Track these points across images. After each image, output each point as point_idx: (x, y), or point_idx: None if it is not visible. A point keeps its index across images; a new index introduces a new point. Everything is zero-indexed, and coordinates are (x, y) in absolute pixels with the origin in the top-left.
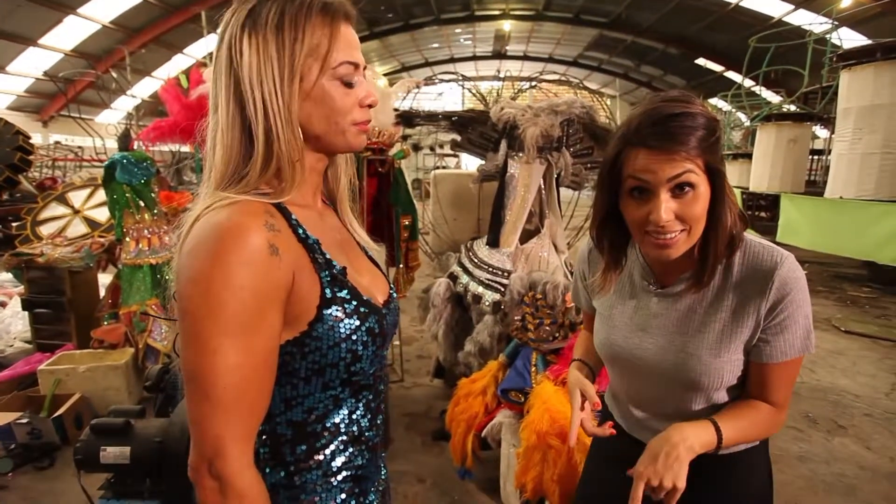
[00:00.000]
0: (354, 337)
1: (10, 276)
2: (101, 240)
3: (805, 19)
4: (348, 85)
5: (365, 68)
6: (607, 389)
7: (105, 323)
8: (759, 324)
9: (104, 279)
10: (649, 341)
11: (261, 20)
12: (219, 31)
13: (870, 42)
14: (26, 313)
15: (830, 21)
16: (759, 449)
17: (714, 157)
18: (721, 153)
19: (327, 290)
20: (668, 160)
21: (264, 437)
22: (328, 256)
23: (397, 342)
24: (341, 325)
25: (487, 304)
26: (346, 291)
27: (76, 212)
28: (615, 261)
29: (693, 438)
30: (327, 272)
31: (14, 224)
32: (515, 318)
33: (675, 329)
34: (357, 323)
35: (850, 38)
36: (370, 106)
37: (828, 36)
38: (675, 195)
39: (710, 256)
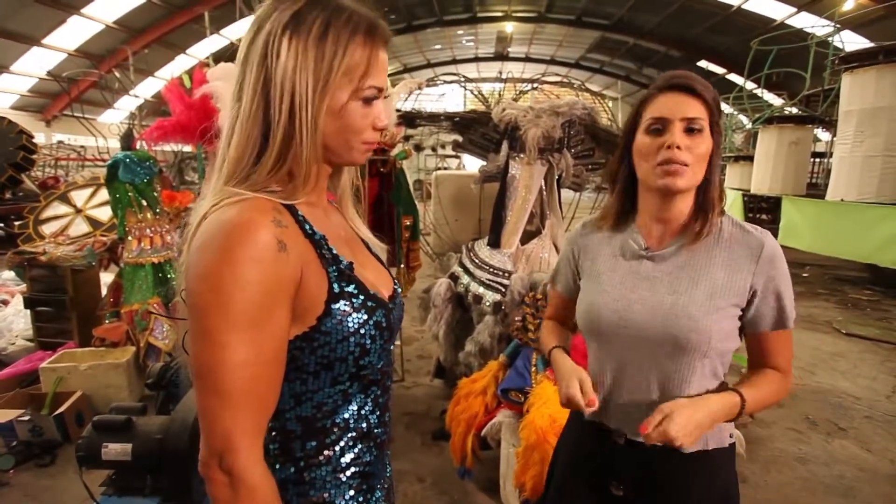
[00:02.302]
0: (363, 331)
1: (12, 274)
2: (104, 238)
3: (807, 22)
4: (367, 104)
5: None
6: None
7: (107, 321)
8: (749, 287)
9: (106, 278)
10: (638, 302)
11: (304, 27)
12: (255, 22)
13: (872, 45)
14: (28, 311)
15: (833, 24)
16: (727, 452)
17: (716, 116)
18: (719, 120)
19: (335, 285)
20: (685, 101)
21: (274, 433)
22: (335, 252)
23: (398, 342)
24: (349, 319)
25: (488, 304)
26: (353, 286)
27: (78, 211)
28: (622, 201)
29: (719, 411)
30: (334, 267)
31: (16, 223)
32: (516, 318)
33: (665, 289)
34: (365, 317)
35: (852, 41)
36: (381, 129)
37: (830, 39)
38: (687, 134)
39: (706, 206)
